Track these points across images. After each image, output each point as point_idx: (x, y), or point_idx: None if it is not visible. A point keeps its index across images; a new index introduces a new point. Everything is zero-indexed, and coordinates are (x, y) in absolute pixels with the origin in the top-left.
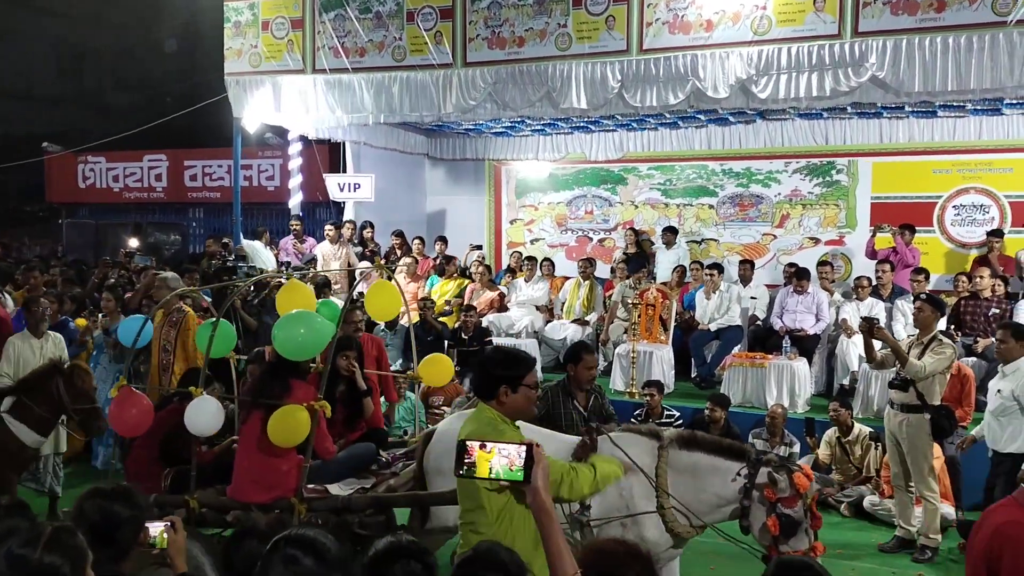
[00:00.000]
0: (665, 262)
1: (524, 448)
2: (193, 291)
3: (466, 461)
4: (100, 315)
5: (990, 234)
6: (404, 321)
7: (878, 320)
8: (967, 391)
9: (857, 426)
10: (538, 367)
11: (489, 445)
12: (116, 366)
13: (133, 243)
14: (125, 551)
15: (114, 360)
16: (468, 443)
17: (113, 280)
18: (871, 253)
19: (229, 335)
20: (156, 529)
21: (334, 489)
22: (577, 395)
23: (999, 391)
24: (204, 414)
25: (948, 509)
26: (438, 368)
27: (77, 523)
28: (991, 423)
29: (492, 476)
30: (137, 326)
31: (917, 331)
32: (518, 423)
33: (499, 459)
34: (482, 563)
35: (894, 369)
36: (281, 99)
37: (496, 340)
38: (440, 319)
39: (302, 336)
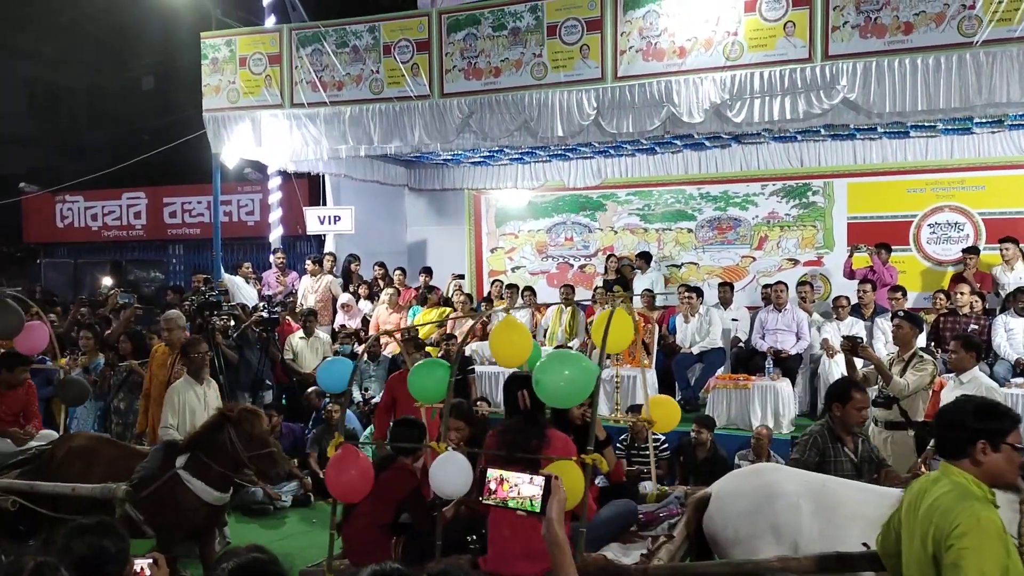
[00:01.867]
0: (639, 287)
1: (543, 480)
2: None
3: (489, 489)
4: (79, 353)
5: (965, 251)
6: (387, 352)
7: (861, 339)
8: None
9: None
10: None
11: (509, 475)
12: (96, 404)
13: (107, 281)
14: None
15: (94, 398)
16: (490, 471)
17: (89, 320)
18: (849, 273)
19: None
20: (140, 565)
21: (610, 555)
22: (845, 439)
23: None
24: (454, 472)
25: None
26: (666, 411)
27: (63, 558)
28: None
29: (510, 506)
30: (339, 370)
31: (897, 349)
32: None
33: (518, 489)
34: None
35: (875, 387)
36: (260, 134)
37: (479, 368)
38: (426, 348)
39: (568, 379)
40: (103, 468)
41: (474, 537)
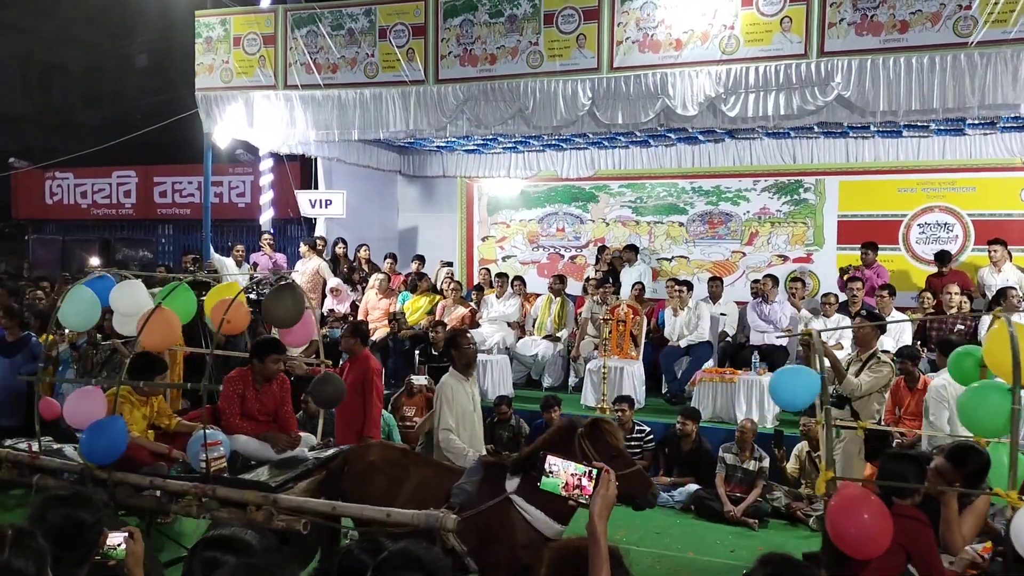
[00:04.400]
0: (627, 280)
1: (594, 472)
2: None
3: (548, 472)
4: (65, 330)
5: (937, 257)
6: (376, 336)
7: (819, 333)
8: None
9: None
10: (509, 383)
11: (567, 463)
12: (82, 381)
13: (94, 261)
14: (86, 556)
15: (80, 375)
16: (550, 456)
17: None
18: (842, 286)
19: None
20: (115, 539)
21: None
22: None
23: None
24: None
25: None
26: None
27: (37, 527)
28: None
29: (563, 494)
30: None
31: (857, 348)
32: None
33: (572, 478)
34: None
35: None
36: (252, 115)
37: None
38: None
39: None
40: (412, 488)
41: None
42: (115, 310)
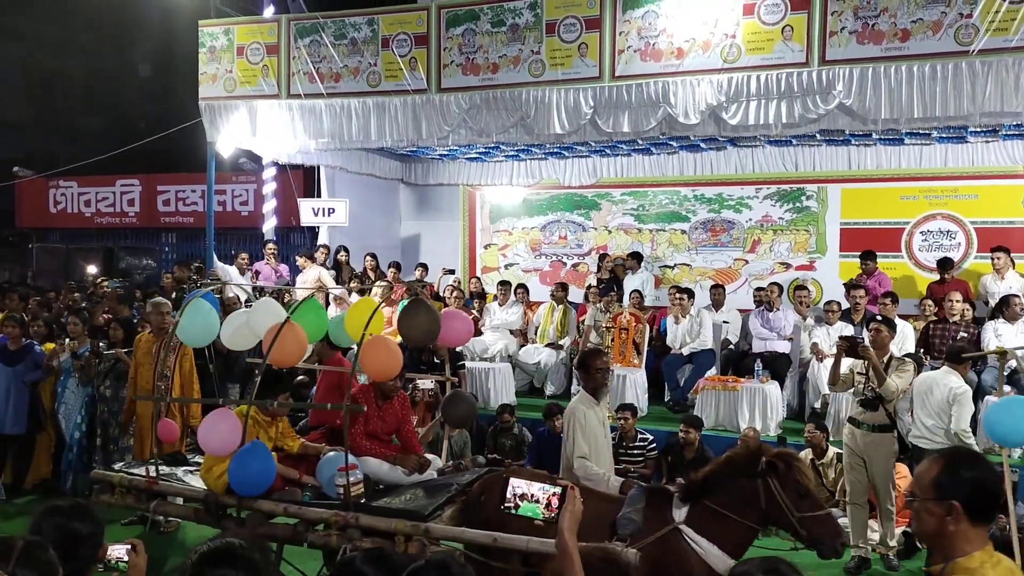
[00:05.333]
0: (629, 287)
1: (559, 490)
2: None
3: (508, 497)
4: (67, 339)
5: (939, 264)
6: None
7: (861, 339)
8: None
9: (831, 449)
10: (511, 392)
11: (531, 484)
12: (84, 390)
13: (92, 269)
14: (84, 568)
15: (82, 384)
16: (512, 480)
17: (84, 304)
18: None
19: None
20: (118, 552)
21: None
22: None
23: None
24: None
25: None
26: None
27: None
28: None
29: (530, 515)
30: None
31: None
32: None
33: (536, 498)
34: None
35: (850, 391)
36: (256, 124)
37: (469, 364)
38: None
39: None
40: None
41: None
42: (249, 327)
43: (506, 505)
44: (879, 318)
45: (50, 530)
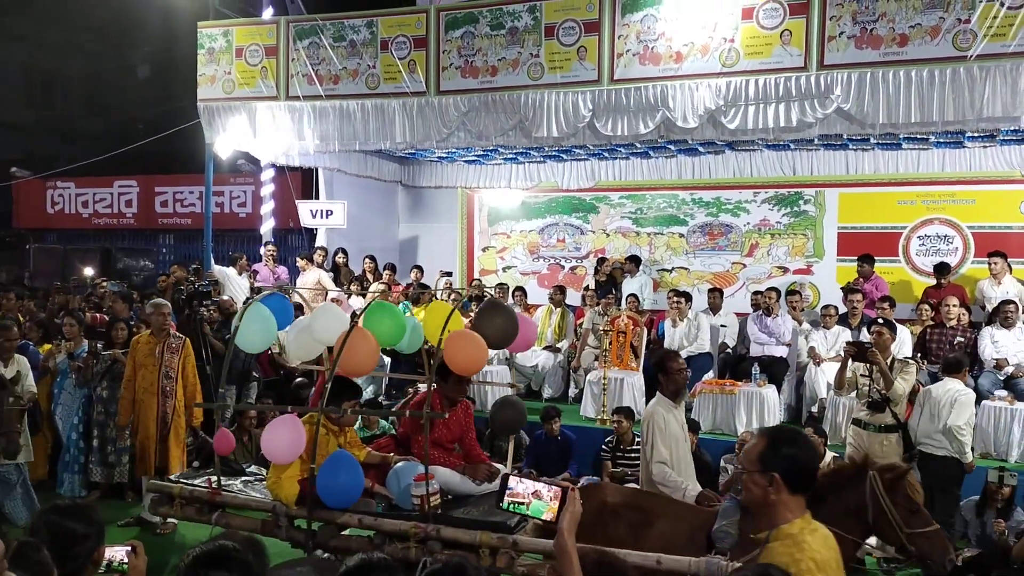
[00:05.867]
0: (628, 291)
1: (559, 491)
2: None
3: (508, 495)
4: (63, 340)
5: (936, 269)
6: None
7: (869, 344)
8: None
9: (828, 453)
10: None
11: (529, 483)
12: (81, 391)
13: (89, 271)
14: (81, 569)
15: (79, 385)
16: (512, 478)
17: (83, 305)
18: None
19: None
20: (117, 553)
21: None
22: None
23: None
24: None
25: None
26: None
27: (34, 539)
28: None
29: (529, 513)
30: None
31: None
32: None
33: (536, 497)
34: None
35: (852, 393)
36: (254, 126)
37: None
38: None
39: None
40: (658, 532)
41: None
42: (312, 334)
43: (505, 503)
44: (880, 321)
45: (49, 529)
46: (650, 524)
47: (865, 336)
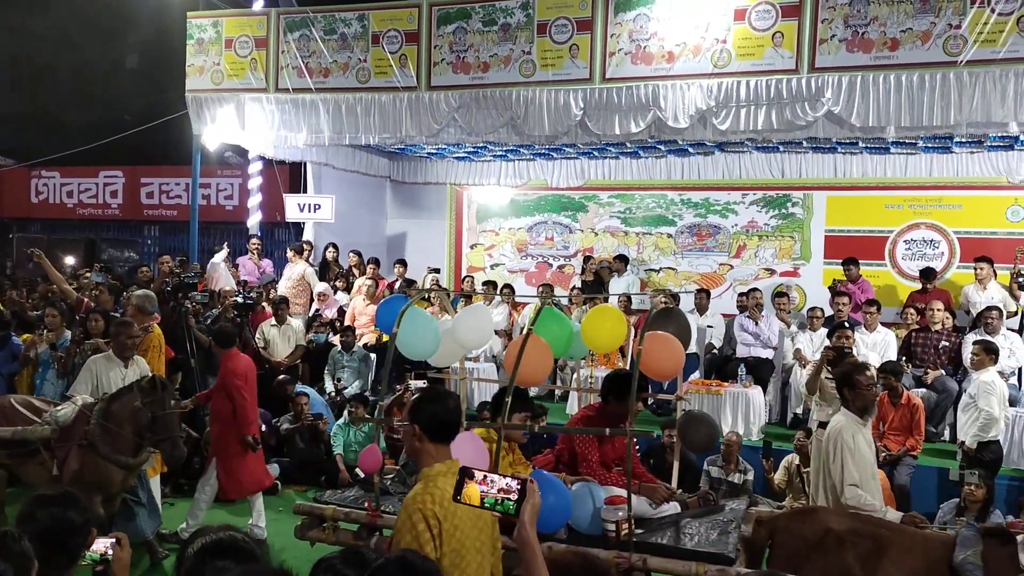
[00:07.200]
0: (615, 290)
1: (519, 482)
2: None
3: (464, 488)
4: (45, 330)
5: (922, 273)
6: (361, 343)
7: (850, 350)
8: (917, 421)
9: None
10: (495, 392)
11: (487, 475)
12: (63, 382)
13: (70, 260)
14: (75, 558)
15: (60, 376)
16: (468, 470)
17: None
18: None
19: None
20: (102, 545)
21: None
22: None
23: None
24: None
25: None
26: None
27: (25, 529)
28: None
29: (485, 505)
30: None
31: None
32: None
33: (493, 490)
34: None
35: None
36: (243, 118)
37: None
38: None
39: None
40: (894, 560)
41: None
42: (455, 338)
43: (464, 490)
44: (846, 324)
45: (44, 519)
46: (882, 554)
47: (861, 341)
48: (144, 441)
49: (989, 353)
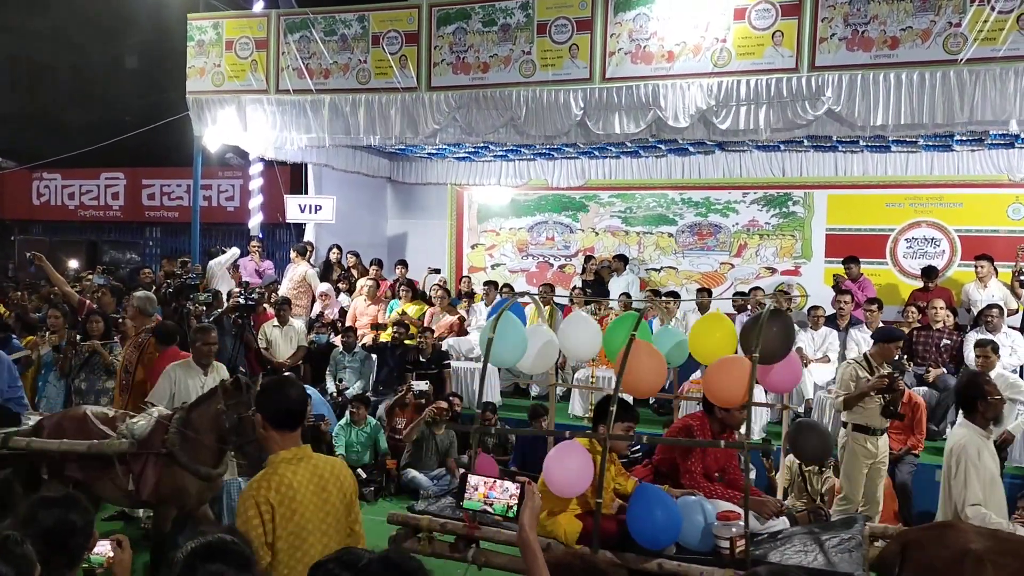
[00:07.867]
0: (615, 289)
1: (518, 487)
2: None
3: (467, 493)
4: (48, 332)
5: (924, 272)
6: (362, 343)
7: (900, 376)
8: (918, 419)
9: None
10: (496, 392)
11: (490, 480)
12: (63, 383)
13: (73, 263)
14: (76, 559)
15: (61, 377)
16: (471, 477)
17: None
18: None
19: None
20: (102, 547)
21: None
22: None
23: None
24: None
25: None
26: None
27: (28, 530)
28: None
29: (493, 510)
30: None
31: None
32: None
33: (496, 494)
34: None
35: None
36: (244, 119)
37: (455, 364)
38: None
39: None
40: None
41: None
42: (564, 348)
43: (466, 501)
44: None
45: (47, 520)
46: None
47: (853, 336)
48: (227, 446)
49: (995, 352)
